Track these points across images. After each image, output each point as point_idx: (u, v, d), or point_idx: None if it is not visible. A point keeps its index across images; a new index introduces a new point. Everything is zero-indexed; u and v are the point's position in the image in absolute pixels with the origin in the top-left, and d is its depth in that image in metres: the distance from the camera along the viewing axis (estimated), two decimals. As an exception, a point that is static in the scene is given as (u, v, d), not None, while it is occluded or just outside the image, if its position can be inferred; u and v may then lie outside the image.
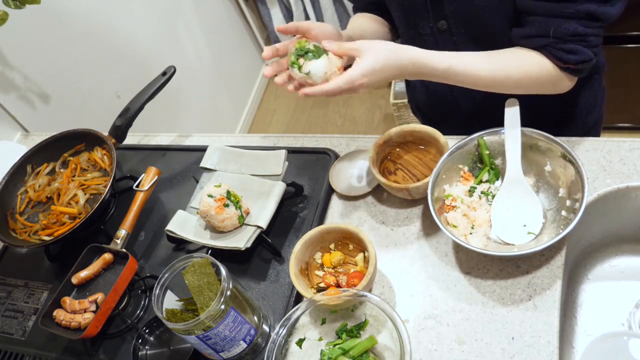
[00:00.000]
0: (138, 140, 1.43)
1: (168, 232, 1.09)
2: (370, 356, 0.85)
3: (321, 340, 0.90)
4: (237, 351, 0.90)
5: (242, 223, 1.06)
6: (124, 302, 1.07)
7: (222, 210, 1.03)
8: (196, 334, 0.84)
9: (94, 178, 1.26)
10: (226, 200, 1.04)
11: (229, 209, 1.04)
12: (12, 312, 1.17)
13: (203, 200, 1.04)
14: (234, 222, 1.05)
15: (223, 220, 1.03)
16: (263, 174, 1.12)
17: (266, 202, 1.07)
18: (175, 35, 2.39)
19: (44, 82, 1.72)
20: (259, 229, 1.03)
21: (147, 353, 1.00)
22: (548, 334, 0.83)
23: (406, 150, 1.08)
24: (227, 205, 1.03)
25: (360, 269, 0.95)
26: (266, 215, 1.05)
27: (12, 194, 1.29)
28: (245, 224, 1.06)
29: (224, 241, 1.05)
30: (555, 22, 0.88)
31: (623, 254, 1.04)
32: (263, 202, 1.08)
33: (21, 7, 1.40)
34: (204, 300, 0.86)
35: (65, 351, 1.07)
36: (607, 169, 0.98)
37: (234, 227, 1.06)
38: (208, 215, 1.04)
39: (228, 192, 1.05)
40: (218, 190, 1.05)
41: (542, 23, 0.89)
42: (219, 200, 1.03)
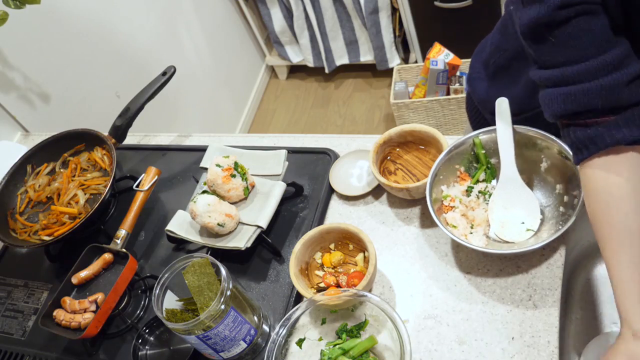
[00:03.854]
0: (138, 140, 1.43)
1: (168, 232, 1.09)
2: (370, 356, 0.85)
3: (321, 340, 0.90)
4: (237, 351, 0.90)
5: (246, 195, 1.09)
6: (124, 302, 1.07)
7: (228, 180, 1.05)
8: (196, 334, 0.84)
9: (94, 178, 1.26)
10: (233, 171, 1.06)
11: (235, 180, 1.06)
12: (12, 312, 1.17)
13: (211, 169, 1.06)
14: (239, 193, 1.07)
15: (229, 190, 1.06)
16: (263, 174, 1.13)
17: (266, 202, 1.07)
18: (175, 35, 2.39)
19: (44, 82, 1.72)
20: (259, 228, 1.03)
21: (147, 353, 1.00)
22: (548, 334, 0.83)
23: (406, 150, 1.08)
24: (233, 175, 1.06)
25: (360, 269, 0.95)
26: (266, 215, 1.04)
27: (12, 194, 1.29)
28: (244, 223, 1.06)
29: (224, 241, 1.04)
30: None
31: (623, 254, 1.04)
32: (263, 201, 1.08)
33: (21, 7, 1.40)
34: (204, 300, 0.86)
35: (65, 351, 1.07)
36: (607, 169, 0.98)
37: (240, 198, 1.08)
38: (215, 184, 1.06)
39: (235, 164, 1.07)
40: (226, 160, 1.07)
41: None
42: (227, 170, 1.06)
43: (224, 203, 1.04)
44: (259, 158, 1.15)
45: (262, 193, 1.10)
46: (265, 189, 1.10)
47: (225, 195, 1.06)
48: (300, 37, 2.75)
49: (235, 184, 1.06)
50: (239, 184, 1.07)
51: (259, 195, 1.10)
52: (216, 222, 1.02)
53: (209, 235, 1.07)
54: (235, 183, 1.06)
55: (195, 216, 1.03)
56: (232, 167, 1.07)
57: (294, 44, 2.86)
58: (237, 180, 1.06)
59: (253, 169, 1.13)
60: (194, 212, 1.03)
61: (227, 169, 1.06)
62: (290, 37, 2.82)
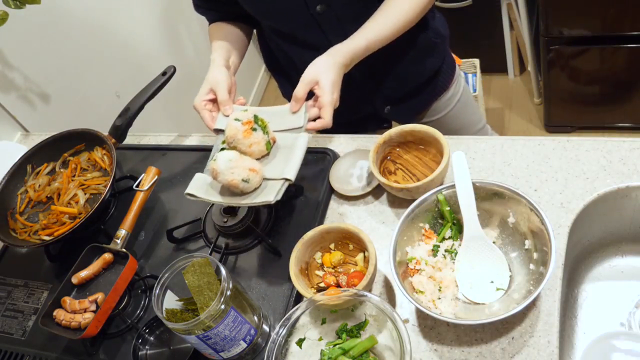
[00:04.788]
0: (138, 140, 1.43)
1: (188, 195, 1.01)
2: (370, 356, 0.85)
3: (321, 340, 0.90)
4: (237, 351, 0.90)
5: (269, 149, 1.03)
6: (124, 302, 1.07)
7: (249, 134, 1.00)
8: (196, 334, 0.84)
9: (94, 178, 1.26)
10: (254, 124, 1.00)
11: (256, 134, 1.00)
12: (12, 312, 1.17)
13: (230, 124, 1.01)
14: (262, 148, 1.01)
15: (250, 145, 1.00)
16: (283, 129, 1.05)
17: (290, 154, 1.00)
18: (175, 35, 2.39)
19: (44, 82, 1.72)
20: (287, 181, 0.97)
21: (147, 353, 1.00)
22: (548, 334, 0.83)
23: (406, 150, 1.08)
24: (254, 129, 1.00)
25: (360, 269, 0.95)
26: (293, 167, 0.98)
27: (12, 193, 1.29)
28: (269, 179, 0.99)
29: (250, 198, 0.98)
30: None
31: (623, 254, 1.04)
32: (287, 155, 1.01)
33: (21, 7, 1.40)
34: (204, 300, 0.86)
35: (65, 351, 1.07)
36: (607, 169, 0.98)
37: (262, 154, 1.02)
38: (235, 140, 1.00)
39: (255, 117, 1.01)
40: (245, 114, 1.02)
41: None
42: (247, 123, 1.00)
43: (246, 157, 0.98)
44: (276, 113, 1.07)
45: (285, 147, 1.03)
46: (288, 142, 1.03)
47: (246, 151, 1.00)
48: (300, 37, 2.74)
49: (257, 138, 1.00)
50: (261, 138, 1.01)
51: (281, 150, 1.03)
52: (240, 178, 0.95)
53: (232, 195, 1.00)
54: (257, 137, 1.00)
55: (217, 175, 0.96)
56: (252, 120, 1.01)
57: (294, 44, 2.86)
58: (258, 134, 1.00)
59: (272, 125, 1.05)
60: (215, 171, 0.96)
61: (247, 122, 1.00)
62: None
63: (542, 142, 1.05)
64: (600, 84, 2.09)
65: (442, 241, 0.94)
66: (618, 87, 2.08)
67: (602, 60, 2.00)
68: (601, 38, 1.92)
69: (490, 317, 0.80)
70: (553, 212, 0.95)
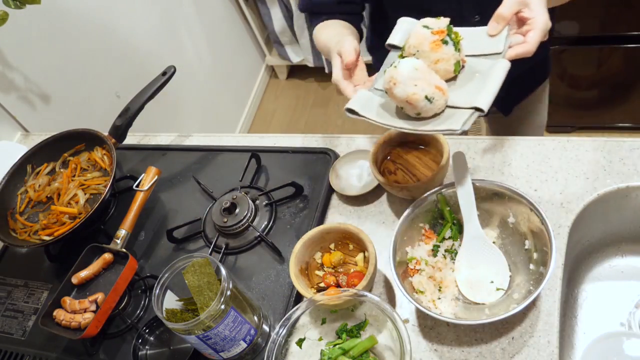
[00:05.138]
0: (138, 140, 1.43)
1: (349, 112, 0.85)
2: (370, 356, 0.85)
3: (321, 340, 0.90)
4: (237, 351, 0.90)
5: (457, 72, 0.85)
6: (124, 302, 1.07)
7: (438, 46, 0.82)
8: (196, 334, 0.84)
9: (94, 178, 1.26)
10: (445, 36, 0.83)
11: (447, 48, 0.83)
12: (12, 312, 1.17)
13: (417, 31, 0.84)
14: (449, 67, 0.84)
15: (437, 60, 0.83)
16: (477, 54, 0.87)
17: (484, 82, 0.82)
18: (175, 35, 2.39)
19: (44, 82, 1.72)
20: (477, 111, 0.79)
21: (147, 353, 1.00)
22: (548, 334, 0.83)
23: (406, 150, 1.08)
24: (445, 42, 0.83)
25: (360, 269, 0.95)
26: (487, 95, 0.79)
27: (12, 194, 1.29)
28: (454, 107, 0.82)
29: (431, 124, 0.82)
30: None
31: (623, 254, 1.04)
32: (479, 82, 0.83)
33: (21, 7, 1.40)
34: (204, 300, 0.86)
35: (65, 351, 1.07)
36: (607, 169, 0.98)
37: (448, 76, 0.85)
38: (420, 50, 0.83)
39: (449, 27, 0.84)
40: (437, 22, 0.84)
41: None
42: (438, 33, 0.83)
43: (433, 72, 0.82)
44: (471, 33, 0.88)
45: (478, 72, 0.85)
46: (481, 68, 0.85)
47: (432, 67, 0.83)
48: (300, 37, 2.75)
49: (446, 54, 0.82)
50: (451, 55, 0.83)
51: (471, 75, 0.85)
52: (424, 93, 0.78)
53: (407, 118, 0.83)
54: (447, 52, 0.82)
55: (395, 85, 0.79)
56: (444, 30, 0.83)
57: (294, 44, 2.86)
58: (448, 49, 0.83)
59: (465, 46, 0.87)
60: (394, 80, 0.79)
61: (438, 32, 0.82)
62: (290, 37, 2.82)
63: (542, 142, 1.05)
64: (600, 84, 2.09)
65: (442, 241, 0.94)
66: (618, 87, 2.08)
67: (601, 60, 2.00)
68: (601, 38, 1.92)
69: (490, 317, 0.80)
70: (553, 212, 0.95)
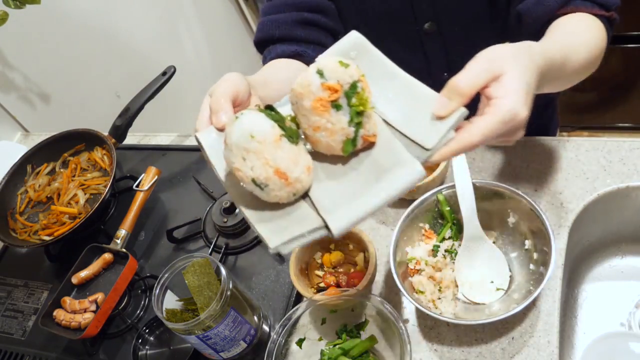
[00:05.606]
0: (138, 140, 1.43)
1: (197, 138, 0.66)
2: (370, 356, 0.85)
3: (321, 340, 0.90)
4: (237, 351, 0.90)
5: (348, 152, 0.60)
6: (124, 302, 1.07)
7: (325, 109, 0.57)
8: (196, 334, 0.84)
9: (94, 178, 1.26)
10: (340, 98, 0.57)
11: (337, 115, 0.58)
12: (12, 312, 1.17)
13: (305, 76, 0.58)
14: (335, 143, 0.60)
15: (318, 127, 0.58)
16: (402, 131, 0.61)
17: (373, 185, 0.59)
18: (175, 35, 2.39)
19: (44, 82, 1.72)
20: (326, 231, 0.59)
21: (147, 353, 1.00)
22: (548, 334, 0.83)
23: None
24: (338, 107, 0.57)
25: (360, 269, 0.95)
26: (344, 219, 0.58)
27: (12, 194, 1.29)
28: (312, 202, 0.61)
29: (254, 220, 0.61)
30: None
31: (623, 254, 1.04)
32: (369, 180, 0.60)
33: (21, 7, 1.40)
34: (204, 300, 0.86)
35: (65, 351, 1.07)
36: (607, 169, 0.98)
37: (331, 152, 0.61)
38: (298, 105, 0.59)
39: (353, 86, 0.57)
40: (340, 72, 0.57)
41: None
42: (330, 90, 0.57)
43: (287, 146, 0.58)
44: (407, 94, 0.63)
45: (377, 166, 0.60)
46: (386, 161, 0.60)
47: (309, 134, 0.60)
48: (300, 37, 2.74)
49: (334, 123, 0.58)
50: (340, 127, 0.58)
51: (367, 166, 0.61)
52: (251, 175, 0.57)
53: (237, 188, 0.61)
54: (335, 121, 0.58)
55: (225, 145, 0.59)
56: (342, 88, 0.57)
57: (294, 44, 2.86)
58: (339, 118, 0.58)
59: (387, 111, 0.63)
60: (226, 138, 0.58)
61: (331, 87, 0.57)
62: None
63: (542, 142, 1.05)
64: (600, 84, 2.09)
65: (442, 241, 0.94)
66: (618, 87, 2.08)
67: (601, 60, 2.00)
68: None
69: (490, 317, 0.80)
70: (553, 212, 0.95)
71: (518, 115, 0.57)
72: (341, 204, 0.59)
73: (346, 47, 0.66)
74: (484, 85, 0.58)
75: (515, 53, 0.61)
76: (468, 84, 0.58)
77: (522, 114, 0.57)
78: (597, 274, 1.03)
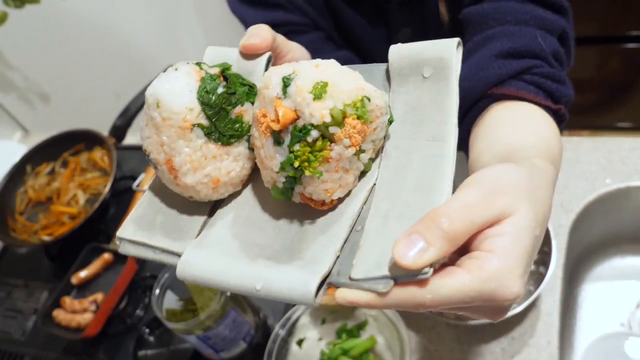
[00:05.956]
0: (138, 140, 1.43)
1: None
2: (370, 356, 0.85)
3: (321, 340, 0.90)
4: (237, 351, 0.90)
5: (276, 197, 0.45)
6: (124, 302, 1.07)
7: (265, 134, 0.42)
8: (196, 334, 0.84)
9: (93, 178, 1.26)
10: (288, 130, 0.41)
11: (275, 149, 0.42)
12: (12, 312, 1.17)
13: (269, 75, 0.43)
14: (263, 177, 0.45)
15: (255, 145, 0.44)
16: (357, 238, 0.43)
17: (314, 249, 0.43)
18: (175, 35, 2.39)
19: (44, 82, 1.72)
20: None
21: (147, 353, 1.00)
22: (548, 334, 0.83)
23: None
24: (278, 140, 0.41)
25: (360, 269, 0.95)
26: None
27: (12, 193, 1.29)
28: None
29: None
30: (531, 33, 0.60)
31: (623, 254, 1.04)
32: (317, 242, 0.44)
33: (21, 7, 1.40)
34: (204, 300, 0.86)
35: (65, 351, 1.07)
36: (607, 169, 0.98)
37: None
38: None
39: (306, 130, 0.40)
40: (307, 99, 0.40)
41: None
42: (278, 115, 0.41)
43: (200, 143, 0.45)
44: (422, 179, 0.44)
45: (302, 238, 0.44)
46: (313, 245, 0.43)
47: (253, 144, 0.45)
48: (300, 37, 2.74)
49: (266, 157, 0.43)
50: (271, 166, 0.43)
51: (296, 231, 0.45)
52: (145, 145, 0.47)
53: None
54: (269, 155, 0.43)
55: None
56: (295, 121, 0.40)
57: (294, 44, 2.86)
58: (273, 154, 0.42)
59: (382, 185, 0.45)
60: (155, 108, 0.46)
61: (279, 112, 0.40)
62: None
63: (542, 142, 1.05)
64: (600, 84, 2.09)
65: None
66: (618, 87, 2.08)
67: (601, 60, 2.00)
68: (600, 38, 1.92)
69: None
70: (553, 212, 0.94)
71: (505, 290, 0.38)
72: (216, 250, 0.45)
73: (427, 54, 0.46)
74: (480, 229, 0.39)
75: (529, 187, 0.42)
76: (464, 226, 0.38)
77: (512, 289, 0.38)
78: (597, 274, 1.03)
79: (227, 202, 0.49)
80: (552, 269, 0.79)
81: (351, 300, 0.39)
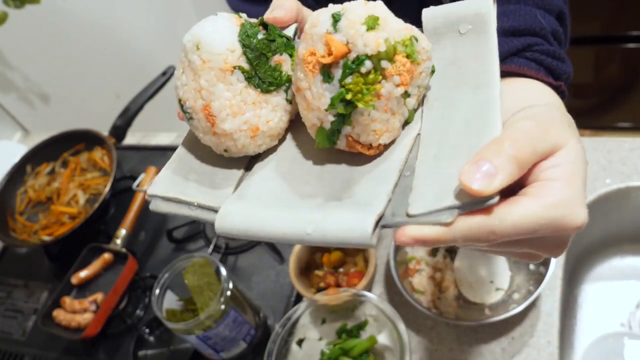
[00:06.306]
0: (138, 140, 1.43)
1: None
2: (370, 356, 0.85)
3: (321, 340, 0.90)
4: (237, 351, 0.90)
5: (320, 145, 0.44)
6: (124, 302, 1.07)
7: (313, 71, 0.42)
8: (196, 334, 0.84)
9: (93, 178, 1.26)
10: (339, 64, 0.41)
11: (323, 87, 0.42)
12: (12, 312, 1.17)
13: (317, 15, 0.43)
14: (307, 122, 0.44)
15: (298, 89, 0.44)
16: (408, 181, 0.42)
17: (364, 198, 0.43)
18: (175, 35, 2.39)
19: (44, 82, 1.72)
20: None
21: (147, 353, 1.00)
22: (548, 334, 0.83)
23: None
24: (327, 76, 0.41)
25: (360, 269, 0.95)
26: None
27: (12, 193, 1.29)
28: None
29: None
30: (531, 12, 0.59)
31: (623, 254, 1.04)
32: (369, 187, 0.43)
33: (21, 7, 1.40)
34: (204, 300, 0.86)
35: (65, 351, 1.07)
36: (607, 169, 0.98)
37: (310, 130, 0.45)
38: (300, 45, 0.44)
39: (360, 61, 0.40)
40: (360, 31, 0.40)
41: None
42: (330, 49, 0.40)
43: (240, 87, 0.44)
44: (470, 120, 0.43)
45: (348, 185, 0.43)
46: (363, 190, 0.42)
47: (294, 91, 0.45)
48: (300, 37, 2.74)
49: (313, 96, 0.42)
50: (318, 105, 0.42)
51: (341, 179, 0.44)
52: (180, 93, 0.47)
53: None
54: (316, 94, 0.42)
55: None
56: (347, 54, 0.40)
57: (294, 44, 2.86)
58: (322, 92, 0.42)
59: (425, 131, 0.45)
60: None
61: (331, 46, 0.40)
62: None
63: (542, 142, 1.05)
64: (600, 84, 2.09)
65: None
66: (618, 87, 2.08)
67: (601, 60, 2.00)
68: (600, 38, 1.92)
69: (490, 317, 0.80)
70: (553, 212, 0.95)
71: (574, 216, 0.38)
72: (258, 202, 0.44)
73: (462, 12, 0.46)
74: (540, 159, 0.39)
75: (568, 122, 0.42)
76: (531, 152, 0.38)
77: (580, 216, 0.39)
78: (597, 274, 1.03)
79: (263, 157, 0.48)
80: (552, 269, 0.79)
81: (416, 236, 0.37)
